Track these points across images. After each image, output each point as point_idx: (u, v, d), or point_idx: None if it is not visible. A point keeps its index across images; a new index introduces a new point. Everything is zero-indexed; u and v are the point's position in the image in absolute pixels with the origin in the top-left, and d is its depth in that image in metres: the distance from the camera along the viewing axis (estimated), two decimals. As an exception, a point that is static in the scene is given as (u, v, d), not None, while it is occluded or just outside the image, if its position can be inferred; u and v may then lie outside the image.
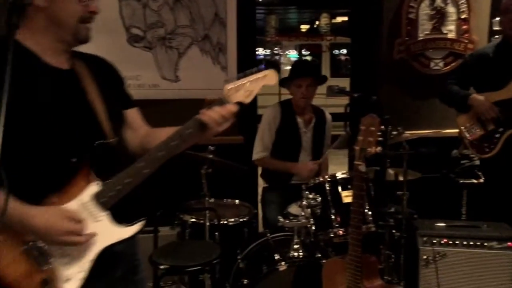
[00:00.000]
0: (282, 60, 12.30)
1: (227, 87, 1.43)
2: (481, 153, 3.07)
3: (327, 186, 2.53)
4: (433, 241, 2.72)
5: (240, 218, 2.91)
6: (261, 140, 3.31)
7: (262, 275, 2.49)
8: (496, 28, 3.86)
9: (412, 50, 3.84)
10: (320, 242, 2.57)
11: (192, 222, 2.86)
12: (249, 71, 1.45)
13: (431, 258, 2.70)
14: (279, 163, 3.26)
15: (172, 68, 3.53)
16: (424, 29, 3.85)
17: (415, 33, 3.83)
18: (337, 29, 12.07)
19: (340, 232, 2.45)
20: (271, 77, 1.46)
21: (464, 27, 3.87)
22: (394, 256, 2.88)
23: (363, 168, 2.01)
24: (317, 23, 13.07)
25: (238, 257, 2.66)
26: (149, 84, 3.47)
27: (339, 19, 12.95)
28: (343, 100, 7.76)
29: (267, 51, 12.73)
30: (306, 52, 11.95)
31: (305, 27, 14.40)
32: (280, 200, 3.17)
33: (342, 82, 6.01)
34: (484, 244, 2.67)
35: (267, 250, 2.61)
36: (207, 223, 2.78)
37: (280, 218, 2.59)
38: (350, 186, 2.45)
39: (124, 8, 3.39)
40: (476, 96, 3.02)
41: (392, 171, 3.00)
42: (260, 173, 3.53)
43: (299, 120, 3.30)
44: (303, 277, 2.46)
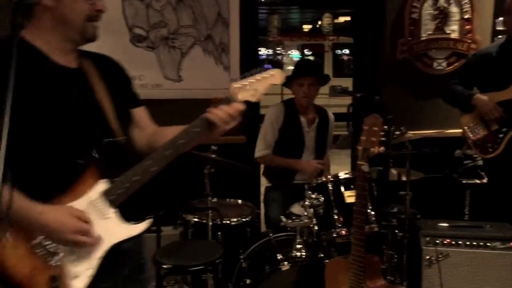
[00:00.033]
0: (285, 60, 12.32)
1: (234, 85, 1.43)
2: (484, 153, 3.06)
3: (329, 186, 2.53)
4: (436, 241, 2.71)
5: (243, 218, 2.91)
6: (264, 138, 3.30)
7: (265, 275, 2.49)
8: (499, 28, 3.85)
9: (415, 50, 3.83)
10: (322, 242, 2.57)
11: (195, 221, 2.86)
12: (254, 71, 1.46)
13: (434, 258, 2.69)
14: (282, 160, 3.26)
15: (175, 68, 3.53)
16: (427, 29, 3.83)
17: (418, 33, 3.82)
18: (339, 29, 12.07)
19: (343, 232, 2.44)
20: (277, 76, 1.47)
21: (467, 27, 3.86)
22: (397, 256, 2.88)
23: (366, 168, 2.01)
24: (320, 23, 13.07)
25: (241, 257, 2.66)
26: (152, 84, 3.47)
27: (342, 19, 12.95)
28: (346, 100, 7.82)
29: (269, 51, 12.74)
30: (309, 52, 11.94)
31: (307, 27, 14.41)
32: (282, 200, 3.16)
33: (345, 82, 5.99)
34: (487, 244, 2.66)
35: (270, 250, 2.62)
36: (210, 223, 2.78)
37: (282, 218, 2.60)
38: (353, 186, 2.45)
39: (127, 8, 3.39)
40: (479, 96, 3.02)
41: (395, 171, 3.00)
42: (263, 172, 3.52)
43: (302, 119, 3.30)
44: (306, 277, 2.45)
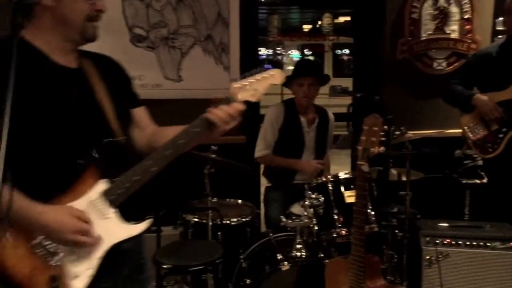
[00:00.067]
0: (285, 60, 12.32)
1: (234, 85, 1.43)
2: (484, 153, 3.06)
3: (329, 186, 2.53)
4: (436, 241, 2.71)
5: (243, 218, 2.91)
6: (264, 138, 3.30)
7: (265, 275, 2.49)
8: (499, 28, 3.85)
9: (415, 50, 3.83)
10: (322, 242, 2.57)
11: (195, 221, 2.86)
12: (254, 71, 1.45)
13: (434, 258, 2.69)
14: (282, 160, 3.26)
15: (175, 68, 3.53)
16: (427, 29, 3.83)
17: (418, 33, 3.82)
18: (339, 29, 12.07)
19: (343, 232, 2.44)
20: (277, 76, 1.47)
21: (467, 27, 3.86)
22: (397, 256, 2.88)
23: (366, 168, 2.01)
24: (320, 23, 13.07)
25: (241, 257, 2.66)
26: (152, 84, 3.47)
27: (342, 19, 12.95)
28: (346, 100, 7.81)
29: (269, 51, 12.74)
30: (309, 52, 11.94)
31: (307, 27, 14.41)
32: (282, 200, 3.16)
33: (345, 82, 5.99)
34: (487, 244, 2.66)
35: (270, 250, 2.62)
36: (210, 223, 2.78)
37: (282, 218, 2.60)
38: (353, 186, 2.45)
39: (127, 8, 3.39)
40: (479, 96, 3.02)
41: (395, 171, 3.00)
42: (263, 172, 3.52)
43: (302, 119, 3.30)
44: (306, 277, 2.45)
